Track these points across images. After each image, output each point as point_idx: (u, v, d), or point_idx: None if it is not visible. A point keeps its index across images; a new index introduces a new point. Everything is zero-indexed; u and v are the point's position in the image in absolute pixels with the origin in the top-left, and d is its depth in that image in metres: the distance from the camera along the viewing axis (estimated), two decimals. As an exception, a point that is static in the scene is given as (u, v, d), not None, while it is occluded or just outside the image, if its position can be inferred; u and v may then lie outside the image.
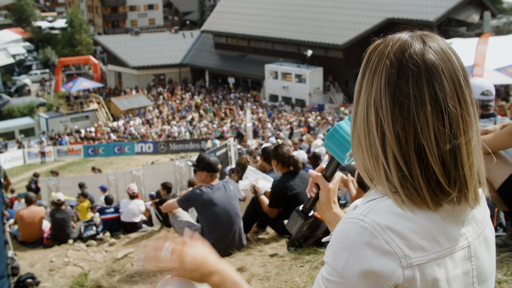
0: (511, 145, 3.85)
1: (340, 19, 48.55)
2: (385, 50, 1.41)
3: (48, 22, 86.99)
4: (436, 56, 1.38)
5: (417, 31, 1.48)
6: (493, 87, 4.98)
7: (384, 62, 1.39)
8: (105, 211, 12.37)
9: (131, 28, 73.79)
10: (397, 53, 1.39)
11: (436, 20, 43.62)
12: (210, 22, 59.50)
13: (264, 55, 52.97)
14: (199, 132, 43.55)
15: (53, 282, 7.85)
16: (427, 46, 1.40)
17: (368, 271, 1.32)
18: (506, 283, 3.13)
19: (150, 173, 21.68)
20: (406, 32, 1.47)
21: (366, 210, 1.38)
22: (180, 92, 56.23)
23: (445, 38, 1.52)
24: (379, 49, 1.44)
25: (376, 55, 1.43)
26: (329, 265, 1.38)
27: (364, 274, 1.32)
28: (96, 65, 58.87)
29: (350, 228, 1.36)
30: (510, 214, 3.95)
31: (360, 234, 1.34)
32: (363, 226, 1.34)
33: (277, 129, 38.76)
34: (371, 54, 1.46)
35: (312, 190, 1.99)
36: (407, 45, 1.40)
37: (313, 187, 1.98)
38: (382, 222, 1.34)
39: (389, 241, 1.32)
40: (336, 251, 1.37)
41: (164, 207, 6.76)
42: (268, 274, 4.78)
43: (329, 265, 1.38)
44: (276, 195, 6.62)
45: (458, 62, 1.43)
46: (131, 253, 8.68)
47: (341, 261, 1.34)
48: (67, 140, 42.91)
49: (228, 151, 22.06)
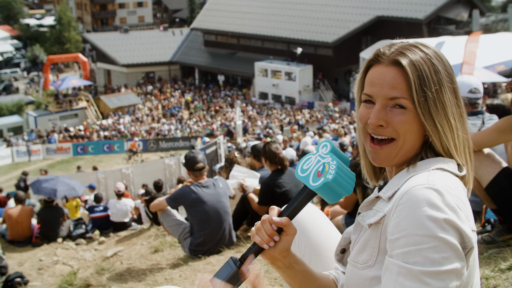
0: (497, 142, 3.87)
1: (330, 16, 48.56)
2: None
3: (36, 20, 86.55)
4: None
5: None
6: (481, 85, 5.00)
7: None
8: (94, 209, 12.33)
9: (120, 26, 73.56)
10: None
11: (425, 18, 43.72)
12: (199, 19, 59.38)
13: (254, 52, 52.94)
14: (189, 130, 43.47)
15: (42, 281, 7.82)
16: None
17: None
18: (494, 279, 3.15)
19: (139, 171, 21.62)
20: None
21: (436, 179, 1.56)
22: (169, 90, 56.10)
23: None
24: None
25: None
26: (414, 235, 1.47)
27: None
28: (85, 63, 58.61)
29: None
30: (497, 212, 3.97)
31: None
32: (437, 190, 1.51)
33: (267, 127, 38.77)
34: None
35: (274, 239, 1.71)
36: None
37: (275, 235, 1.71)
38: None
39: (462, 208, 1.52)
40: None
41: (153, 205, 6.73)
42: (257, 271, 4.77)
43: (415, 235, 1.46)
44: (266, 192, 6.62)
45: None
46: (121, 252, 8.67)
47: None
48: (56, 138, 42.69)
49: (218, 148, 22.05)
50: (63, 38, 70.49)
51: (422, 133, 1.68)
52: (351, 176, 1.64)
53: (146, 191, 14.23)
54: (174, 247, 7.57)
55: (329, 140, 1.68)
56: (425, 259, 1.42)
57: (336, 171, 1.59)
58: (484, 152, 3.83)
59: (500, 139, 3.80)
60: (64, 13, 71.37)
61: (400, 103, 1.64)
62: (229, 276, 1.72)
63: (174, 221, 6.67)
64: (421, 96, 1.62)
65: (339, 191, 1.60)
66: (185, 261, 6.36)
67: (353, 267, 1.74)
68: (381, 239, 1.62)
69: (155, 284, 5.64)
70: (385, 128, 1.67)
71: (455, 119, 1.67)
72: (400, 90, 1.64)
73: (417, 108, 1.63)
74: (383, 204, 1.66)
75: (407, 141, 1.67)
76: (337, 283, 2.00)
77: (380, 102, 1.67)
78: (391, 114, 1.66)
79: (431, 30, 43.96)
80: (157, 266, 6.66)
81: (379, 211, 1.64)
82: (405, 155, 1.70)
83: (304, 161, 1.71)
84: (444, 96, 1.64)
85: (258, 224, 1.75)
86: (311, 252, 2.21)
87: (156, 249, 7.79)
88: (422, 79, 1.62)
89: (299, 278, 1.85)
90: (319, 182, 1.61)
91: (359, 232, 1.81)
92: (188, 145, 37.40)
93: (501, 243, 3.96)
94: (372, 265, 1.65)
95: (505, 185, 3.75)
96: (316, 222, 2.27)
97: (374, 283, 1.65)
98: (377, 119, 1.66)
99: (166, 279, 5.71)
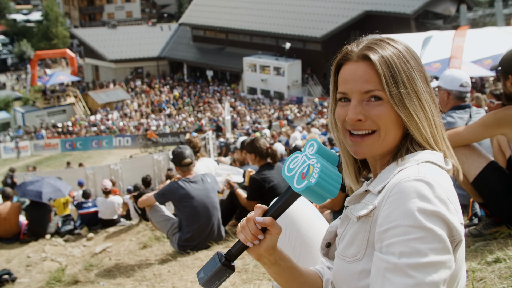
0: (483, 137, 3.89)
1: (318, 11, 48.58)
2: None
3: (23, 15, 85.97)
4: None
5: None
6: (470, 79, 5.03)
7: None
8: (83, 205, 12.28)
9: (108, 21, 73.14)
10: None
11: (413, 12, 43.83)
12: (188, 15, 59.23)
13: (242, 48, 52.88)
14: (177, 126, 43.38)
15: (30, 278, 7.78)
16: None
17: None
18: (480, 272, 3.17)
19: (128, 167, 21.55)
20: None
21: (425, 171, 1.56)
22: (158, 85, 55.94)
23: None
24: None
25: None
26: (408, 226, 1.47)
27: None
28: (73, 59, 58.29)
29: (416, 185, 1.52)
30: (484, 205, 4.00)
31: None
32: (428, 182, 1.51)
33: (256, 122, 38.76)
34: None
35: (258, 238, 1.74)
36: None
37: (259, 234, 1.73)
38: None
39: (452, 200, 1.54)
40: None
41: (141, 201, 6.72)
42: (246, 266, 4.79)
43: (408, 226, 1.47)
44: (255, 187, 6.61)
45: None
46: (109, 248, 8.65)
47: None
48: (44, 135, 42.48)
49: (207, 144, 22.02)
50: (51, 34, 70.13)
51: (401, 123, 1.69)
52: (336, 178, 1.62)
53: (134, 187, 14.19)
54: (162, 242, 7.56)
55: (316, 139, 1.67)
56: (411, 249, 1.42)
57: (319, 175, 1.57)
58: (470, 146, 3.85)
59: (486, 133, 3.82)
60: (51, 8, 70.97)
61: (376, 94, 1.66)
62: (214, 272, 1.75)
63: (162, 217, 6.66)
64: (393, 87, 1.64)
65: (323, 194, 1.59)
66: (174, 256, 6.36)
67: (341, 260, 1.74)
68: (370, 232, 1.62)
69: (143, 280, 5.63)
70: (364, 122, 1.68)
71: (430, 107, 1.69)
72: (373, 82, 1.66)
73: (391, 99, 1.64)
74: (372, 197, 1.66)
75: (388, 131, 1.68)
76: (321, 278, 2.01)
77: (356, 97, 1.69)
78: (368, 108, 1.67)
79: (419, 24, 44.09)
80: (145, 262, 6.65)
81: (369, 204, 1.64)
82: (387, 145, 1.70)
83: (291, 160, 1.70)
84: (417, 85, 1.67)
85: (243, 222, 1.76)
86: (301, 245, 2.22)
87: (145, 245, 7.77)
88: (393, 70, 1.65)
89: (285, 274, 1.86)
90: (302, 185, 1.60)
91: (346, 225, 1.81)
92: (177, 140, 37.33)
93: (488, 236, 3.99)
94: (361, 258, 1.65)
95: (491, 179, 3.77)
96: (306, 215, 2.28)
97: (362, 276, 1.65)
98: (355, 113, 1.67)
99: (154, 274, 5.71)
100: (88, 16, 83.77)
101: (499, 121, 3.69)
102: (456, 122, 4.69)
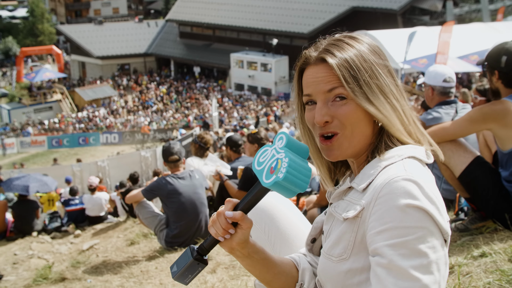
0: (469, 132, 3.91)
1: (305, 7, 48.61)
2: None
3: (9, 11, 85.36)
4: None
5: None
6: (454, 74, 5.05)
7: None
8: (69, 202, 12.23)
9: (95, 17, 72.80)
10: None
11: (400, 8, 43.97)
12: (174, 11, 59.07)
13: (229, 44, 52.83)
14: (165, 122, 43.29)
15: (17, 276, 7.73)
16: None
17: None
18: (466, 266, 3.18)
19: (115, 163, 21.49)
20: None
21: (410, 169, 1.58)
22: (145, 82, 55.77)
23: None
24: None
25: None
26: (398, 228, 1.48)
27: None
28: (59, 55, 57.98)
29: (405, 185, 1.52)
30: (470, 200, 4.02)
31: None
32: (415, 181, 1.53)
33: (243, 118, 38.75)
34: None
35: (229, 232, 1.72)
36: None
37: (230, 229, 1.72)
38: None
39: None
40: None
41: (128, 198, 6.70)
42: (233, 262, 4.79)
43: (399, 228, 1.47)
44: (249, 177, 6.64)
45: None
46: (97, 245, 8.62)
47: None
48: (31, 132, 42.24)
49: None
50: (37, 30, 69.67)
51: (370, 120, 1.70)
52: (305, 172, 1.59)
53: (121, 184, 14.15)
54: (150, 239, 7.55)
55: (285, 132, 1.66)
56: (412, 251, 1.43)
57: (287, 170, 1.55)
58: (457, 141, 3.87)
59: (472, 129, 3.84)
60: (37, 4, 70.49)
61: (339, 92, 1.67)
62: (186, 266, 1.76)
63: (150, 213, 6.65)
64: (354, 85, 1.65)
65: (292, 188, 1.57)
66: (161, 253, 6.35)
67: (327, 259, 1.74)
68: (357, 232, 1.62)
69: (131, 277, 5.62)
70: (331, 123, 1.69)
71: (397, 98, 1.70)
72: (334, 81, 1.67)
73: (355, 97, 1.65)
74: (357, 195, 1.66)
75: (355, 130, 1.68)
76: (297, 267, 2.02)
77: (320, 98, 1.70)
78: (334, 108, 1.68)
79: (406, 20, 44.25)
80: (133, 259, 6.64)
81: (354, 203, 1.64)
82: (358, 143, 1.71)
83: (261, 154, 1.68)
84: (379, 78, 1.68)
85: (214, 217, 1.75)
86: (281, 242, 2.22)
87: (132, 242, 7.76)
88: (351, 69, 1.66)
89: (259, 266, 1.86)
90: (270, 180, 1.58)
91: (331, 222, 1.81)
92: (165, 137, 37.26)
93: (474, 230, 4.01)
94: (347, 258, 1.65)
95: (477, 174, 3.79)
96: (285, 212, 2.28)
97: (349, 276, 1.65)
98: (322, 115, 1.68)
99: (142, 271, 5.69)
100: (74, 13, 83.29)
101: (485, 116, 3.72)
102: (442, 117, 4.72)
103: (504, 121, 3.64)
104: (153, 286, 4.95)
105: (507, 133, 3.67)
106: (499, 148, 3.80)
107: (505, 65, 3.75)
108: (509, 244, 3.42)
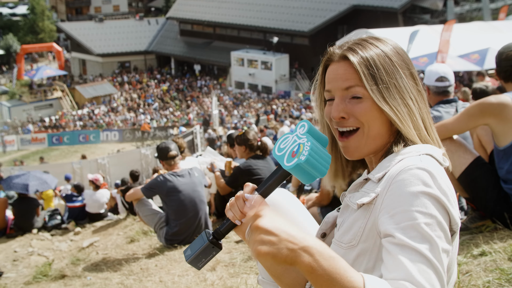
0: (468, 127, 3.91)
1: (306, 5, 48.54)
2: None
3: (9, 9, 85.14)
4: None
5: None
6: (451, 73, 5.03)
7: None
8: (72, 198, 12.23)
9: (95, 15, 72.66)
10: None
11: (400, 7, 43.89)
12: (175, 8, 59.00)
13: (230, 42, 52.76)
14: (165, 120, 43.27)
15: (17, 273, 7.74)
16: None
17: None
18: (466, 265, 3.19)
19: (115, 161, 21.49)
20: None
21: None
22: (145, 79, 55.74)
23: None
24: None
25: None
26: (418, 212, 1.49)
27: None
28: (59, 53, 57.91)
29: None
30: (470, 200, 4.03)
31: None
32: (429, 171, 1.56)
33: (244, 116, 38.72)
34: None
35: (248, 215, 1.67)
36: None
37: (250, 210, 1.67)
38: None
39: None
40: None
41: (128, 195, 6.71)
42: (233, 260, 4.80)
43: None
44: (236, 176, 6.68)
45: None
46: (97, 242, 8.63)
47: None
48: (31, 129, 42.22)
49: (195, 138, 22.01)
50: (37, 28, 69.52)
51: (386, 120, 1.73)
52: (326, 158, 1.60)
53: (122, 181, 14.15)
54: (150, 236, 7.56)
55: (306, 120, 1.68)
56: (422, 235, 1.45)
57: (309, 153, 1.56)
58: (457, 142, 3.88)
59: (471, 123, 3.85)
60: (38, 2, 70.35)
61: (356, 91, 1.72)
62: (201, 249, 1.75)
63: (149, 211, 6.66)
64: (372, 84, 1.69)
65: (312, 172, 1.57)
66: (161, 250, 6.36)
67: (337, 246, 1.76)
68: (369, 219, 1.64)
69: (130, 274, 5.63)
70: (347, 119, 1.75)
71: (415, 103, 1.74)
72: (353, 80, 1.73)
73: (372, 95, 1.70)
74: (372, 185, 1.69)
75: (372, 128, 1.73)
76: None
77: (338, 95, 1.76)
78: (350, 105, 1.74)
79: (407, 19, 44.19)
80: (133, 256, 6.65)
81: (369, 192, 1.67)
82: (374, 142, 1.76)
83: (282, 140, 1.70)
84: (399, 79, 1.72)
85: (232, 200, 1.76)
86: None
87: (132, 239, 7.77)
88: (371, 68, 1.71)
89: None
90: (292, 163, 1.58)
91: (345, 213, 1.84)
92: (165, 135, 37.25)
93: (474, 229, 4.02)
94: (356, 245, 1.68)
95: (477, 175, 3.81)
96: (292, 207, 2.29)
97: (357, 263, 1.67)
98: (338, 111, 1.75)
99: (142, 268, 5.70)
100: (75, 10, 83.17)
101: (482, 110, 3.73)
102: (442, 116, 4.71)
103: (501, 115, 3.66)
104: (153, 283, 4.96)
105: (503, 128, 3.69)
106: (496, 145, 3.82)
107: (497, 62, 3.95)
108: (508, 243, 3.42)
